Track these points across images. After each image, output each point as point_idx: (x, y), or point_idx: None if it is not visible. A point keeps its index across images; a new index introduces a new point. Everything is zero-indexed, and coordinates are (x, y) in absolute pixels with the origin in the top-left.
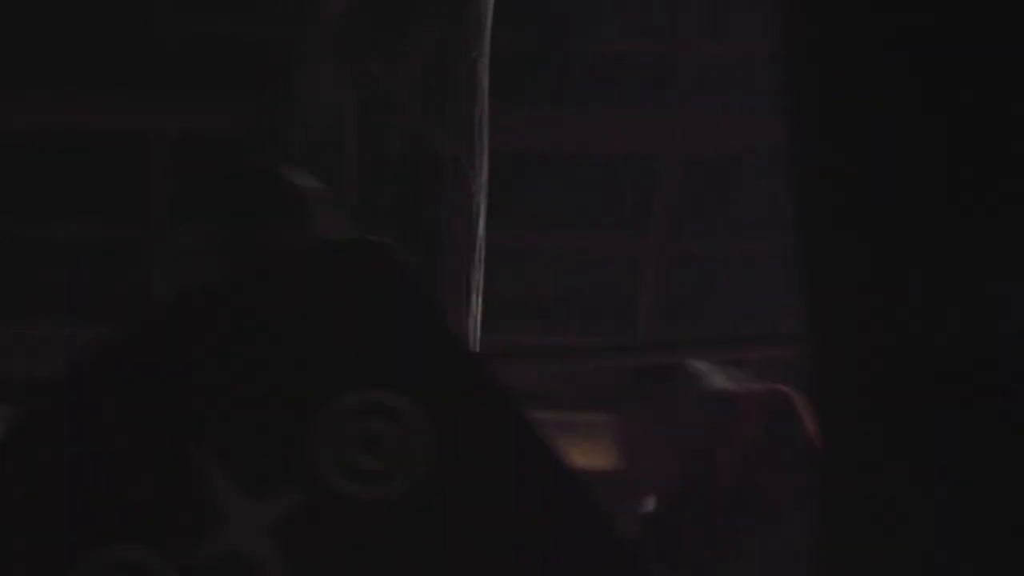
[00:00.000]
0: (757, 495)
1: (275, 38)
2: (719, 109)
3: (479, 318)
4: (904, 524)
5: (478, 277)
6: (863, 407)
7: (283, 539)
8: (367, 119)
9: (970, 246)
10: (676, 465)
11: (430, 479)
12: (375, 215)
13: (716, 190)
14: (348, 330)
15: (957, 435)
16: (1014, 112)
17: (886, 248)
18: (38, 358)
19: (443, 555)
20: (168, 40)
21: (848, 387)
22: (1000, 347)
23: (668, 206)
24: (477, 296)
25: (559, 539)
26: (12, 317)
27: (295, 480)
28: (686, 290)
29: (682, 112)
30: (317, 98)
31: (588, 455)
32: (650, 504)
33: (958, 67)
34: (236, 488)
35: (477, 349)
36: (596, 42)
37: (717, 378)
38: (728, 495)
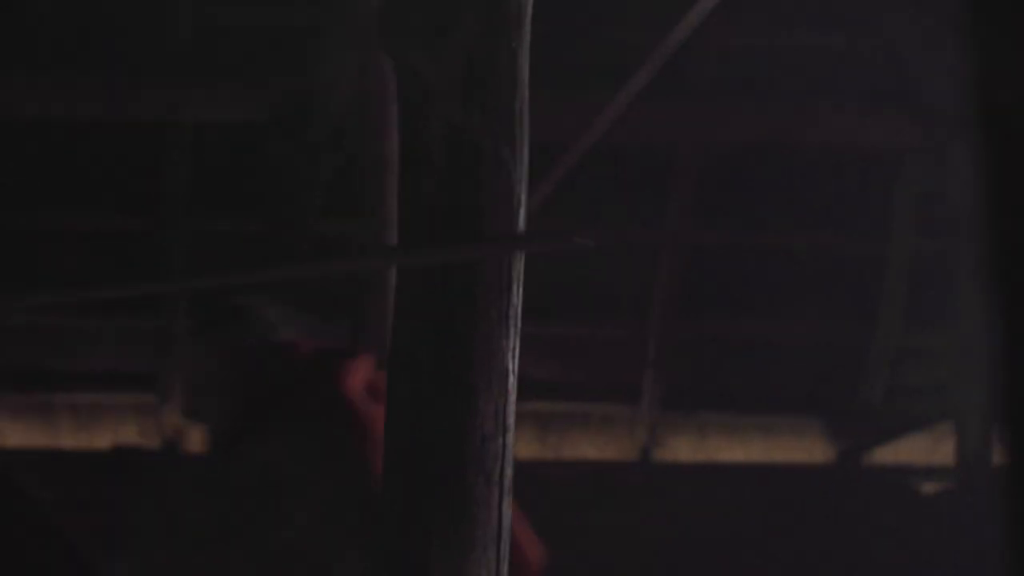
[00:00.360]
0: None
1: (294, 28)
2: (737, 100)
3: (520, 309)
4: None
5: (519, 268)
6: None
7: None
8: (407, 110)
9: None
10: (227, 409)
11: None
12: (416, 207)
13: (734, 181)
14: None
15: None
16: None
17: None
18: (54, 348)
19: None
20: (185, 29)
21: None
22: None
23: (685, 198)
24: (518, 287)
25: None
26: (27, 307)
27: None
28: (702, 281)
29: (701, 102)
30: (339, 88)
31: (603, 447)
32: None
33: None
34: None
35: (518, 340)
36: (613, 31)
37: (285, 327)
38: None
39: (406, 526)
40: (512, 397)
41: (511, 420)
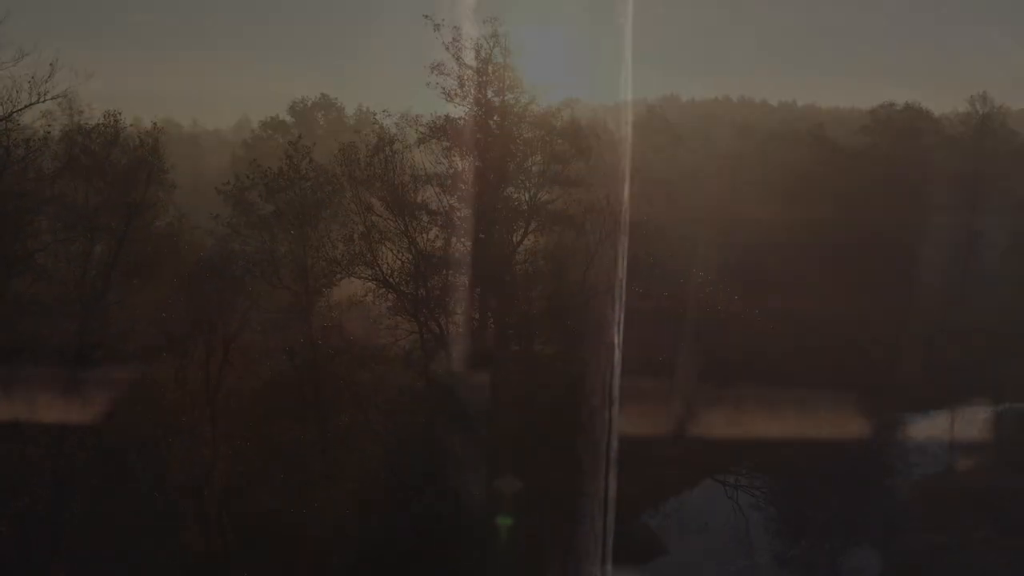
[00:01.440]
0: None
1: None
2: (769, 84)
3: (624, 283)
4: None
5: (623, 246)
6: None
7: None
8: (505, 85)
9: None
10: None
11: None
12: (523, 186)
13: (769, 163)
14: None
15: None
16: None
17: None
18: (90, 324)
19: None
20: (228, 4)
21: None
22: None
23: (723, 178)
24: (623, 261)
25: None
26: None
27: None
28: (739, 258)
29: (740, 81)
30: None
31: (637, 421)
32: None
33: None
34: None
35: (623, 311)
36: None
37: None
38: None
39: (518, 498)
40: (618, 370)
41: (616, 393)
